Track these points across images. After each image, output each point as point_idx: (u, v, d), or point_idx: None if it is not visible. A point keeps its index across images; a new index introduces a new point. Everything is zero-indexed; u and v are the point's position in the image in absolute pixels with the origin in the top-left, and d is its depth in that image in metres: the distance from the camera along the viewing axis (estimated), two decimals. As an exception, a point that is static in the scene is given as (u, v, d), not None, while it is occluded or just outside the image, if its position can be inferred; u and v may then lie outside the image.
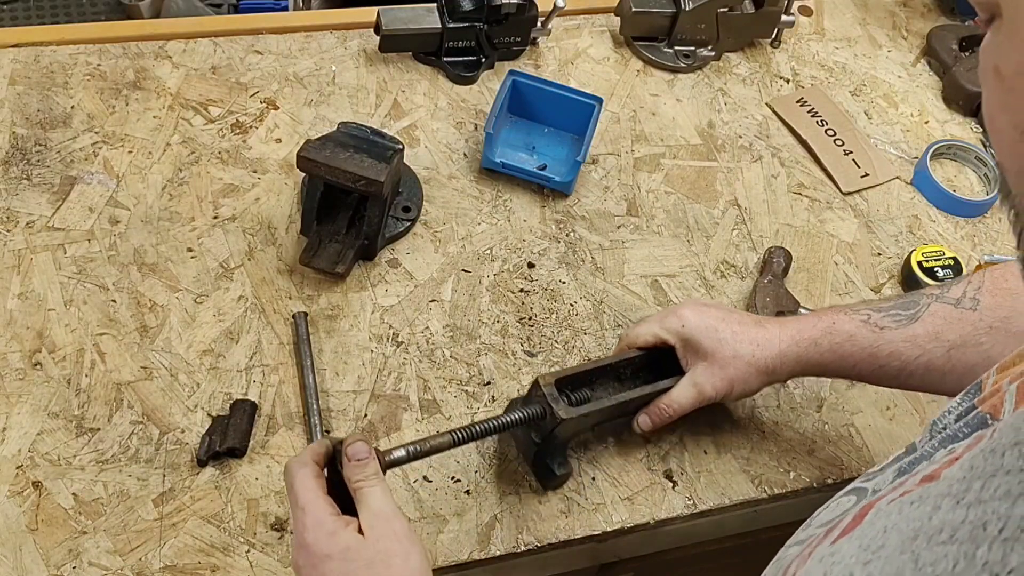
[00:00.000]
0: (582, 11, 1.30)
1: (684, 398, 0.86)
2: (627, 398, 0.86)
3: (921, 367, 0.81)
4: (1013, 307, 0.79)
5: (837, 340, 0.83)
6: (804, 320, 0.86)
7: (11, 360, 0.88)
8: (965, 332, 0.79)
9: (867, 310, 0.84)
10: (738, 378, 0.84)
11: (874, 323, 0.82)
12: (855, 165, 1.20)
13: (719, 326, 0.85)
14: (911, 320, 0.81)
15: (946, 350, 0.80)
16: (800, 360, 0.84)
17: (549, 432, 0.83)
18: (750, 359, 0.84)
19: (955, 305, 0.80)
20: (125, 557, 0.79)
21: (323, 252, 0.96)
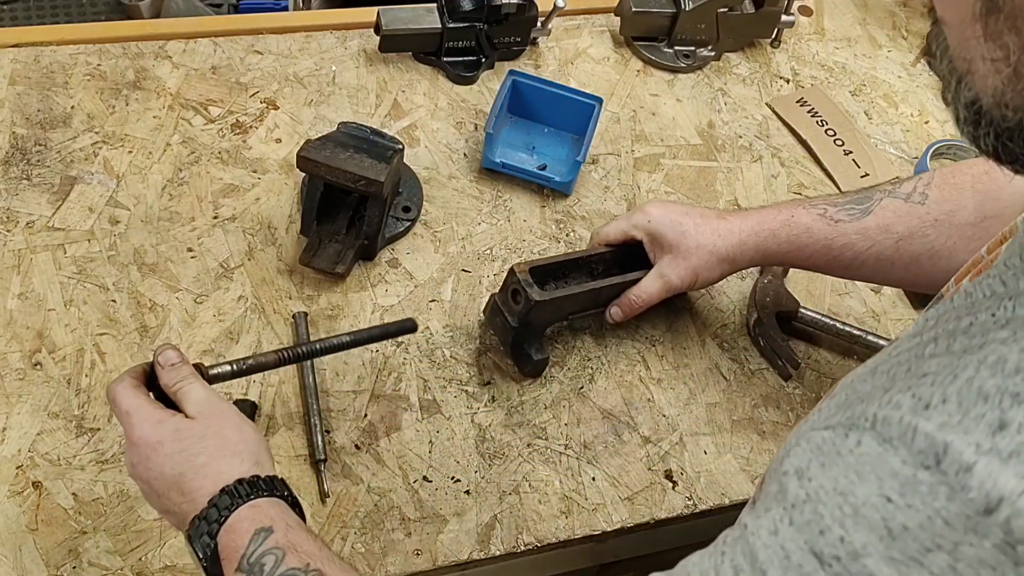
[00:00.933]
0: (582, 11, 1.30)
1: (652, 288, 0.93)
2: (597, 286, 0.93)
3: (872, 257, 0.86)
4: (958, 201, 0.84)
5: (795, 232, 0.88)
6: (764, 212, 0.91)
7: (11, 360, 0.88)
8: (912, 225, 0.84)
9: (824, 204, 0.89)
10: (701, 266, 0.90)
11: (830, 216, 0.87)
12: (855, 165, 1.20)
13: (683, 220, 0.91)
14: (864, 214, 0.86)
15: (895, 241, 0.85)
16: (759, 249, 0.89)
17: (524, 316, 0.88)
18: (712, 248, 0.89)
19: (905, 199, 0.85)
20: (125, 557, 0.79)
21: (323, 252, 0.96)
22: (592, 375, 0.97)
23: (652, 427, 0.94)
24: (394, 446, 0.88)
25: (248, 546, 0.64)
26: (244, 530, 0.64)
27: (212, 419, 0.69)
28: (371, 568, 0.81)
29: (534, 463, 0.90)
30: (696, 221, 0.91)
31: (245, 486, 0.66)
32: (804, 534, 0.41)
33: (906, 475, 0.38)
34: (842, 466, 0.41)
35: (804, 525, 0.41)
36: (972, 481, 0.36)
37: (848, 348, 1.03)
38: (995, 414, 0.37)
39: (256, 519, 0.65)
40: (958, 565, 0.37)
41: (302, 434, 0.88)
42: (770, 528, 0.43)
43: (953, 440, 0.37)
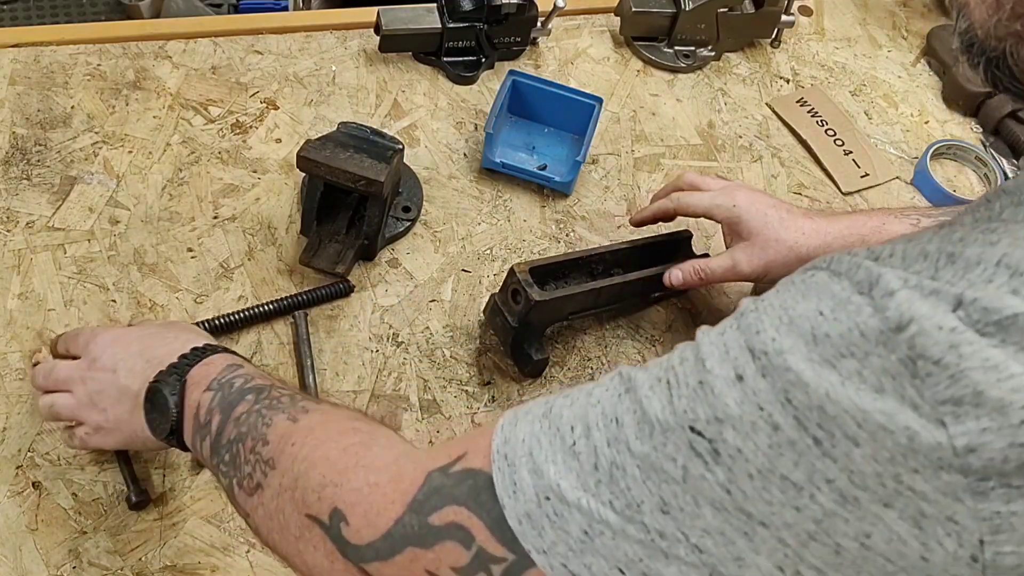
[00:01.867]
0: (582, 11, 1.30)
1: (718, 266, 0.90)
2: (597, 286, 0.93)
3: None
4: None
5: (881, 239, 0.83)
6: (854, 217, 0.88)
7: (11, 360, 0.88)
8: None
9: (916, 215, 0.86)
10: (777, 261, 0.86)
11: (911, 223, 0.85)
12: (855, 165, 1.20)
13: (768, 211, 0.88)
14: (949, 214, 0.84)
15: None
16: None
17: (524, 316, 0.88)
18: (792, 245, 0.86)
19: None
20: (125, 557, 0.79)
21: (323, 252, 0.96)
22: (592, 375, 0.96)
23: (652, 427, 0.94)
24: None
25: (220, 373, 0.68)
26: (217, 365, 0.69)
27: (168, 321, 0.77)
28: (371, 568, 0.81)
29: (534, 463, 0.90)
30: (782, 215, 0.88)
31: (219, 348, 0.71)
32: (744, 335, 0.46)
33: (841, 296, 0.44)
34: (792, 291, 0.46)
35: (746, 327, 0.46)
36: (891, 303, 0.42)
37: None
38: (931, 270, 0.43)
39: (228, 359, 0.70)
40: (864, 371, 0.41)
41: (302, 434, 0.88)
42: (719, 331, 0.48)
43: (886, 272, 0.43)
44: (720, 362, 0.46)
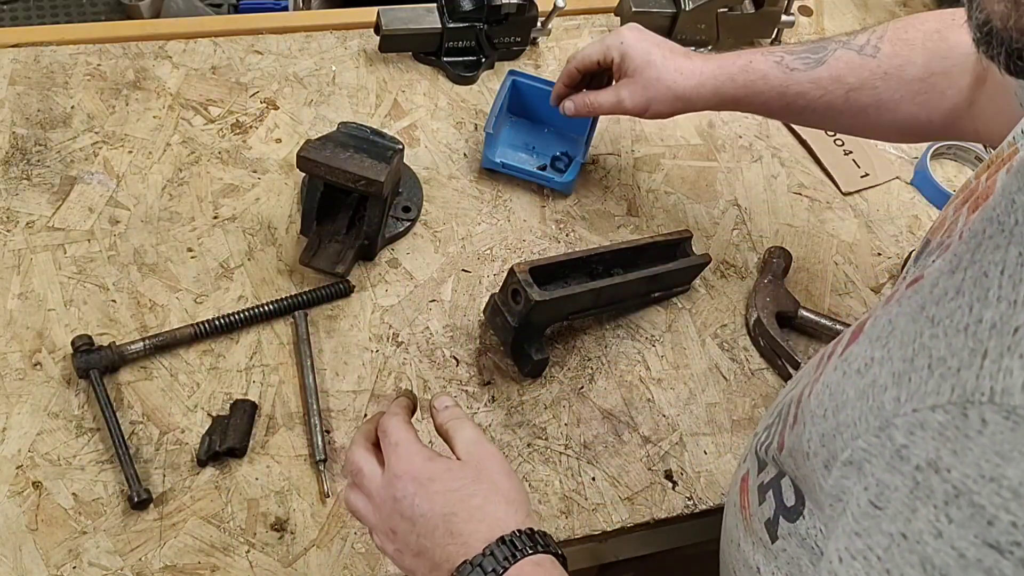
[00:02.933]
0: (582, 11, 1.30)
1: (605, 99, 0.98)
2: (597, 286, 0.93)
3: (822, 106, 0.90)
4: (908, 56, 0.87)
5: (751, 77, 0.92)
6: (725, 56, 0.94)
7: (11, 360, 0.88)
8: (863, 77, 0.88)
9: (781, 52, 0.92)
10: (656, 98, 0.93)
11: (786, 64, 0.91)
12: (855, 165, 1.20)
13: (652, 49, 0.95)
14: (818, 63, 0.90)
15: (845, 92, 0.89)
16: (717, 92, 0.92)
17: (524, 316, 0.89)
18: (671, 84, 0.93)
19: (858, 52, 0.89)
20: (125, 557, 0.79)
21: (323, 252, 0.96)
22: (592, 375, 0.97)
23: (652, 427, 0.94)
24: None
25: None
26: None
27: (484, 461, 0.66)
28: (371, 568, 0.81)
29: (534, 463, 0.90)
30: (664, 54, 0.94)
31: (525, 537, 0.62)
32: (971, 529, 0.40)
33: None
34: (977, 450, 0.40)
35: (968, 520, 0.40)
36: None
37: (848, 348, 1.03)
38: None
39: None
40: None
41: (302, 434, 0.88)
42: (931, 531, 0.42)
43: None
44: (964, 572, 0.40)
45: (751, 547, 0.68)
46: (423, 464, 0.65)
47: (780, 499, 0.64)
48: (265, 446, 0.86)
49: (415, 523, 0.64)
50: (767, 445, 0.69)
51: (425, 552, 0.64)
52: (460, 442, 0.68)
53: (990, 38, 0.45)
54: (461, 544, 0.62)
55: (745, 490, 0.72)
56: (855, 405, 0.51)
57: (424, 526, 0.63)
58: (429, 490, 0.64)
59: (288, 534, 0.82)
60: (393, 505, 0.65)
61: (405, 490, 0.64)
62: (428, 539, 0.63)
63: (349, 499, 0.69)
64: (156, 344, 0.89)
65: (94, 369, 0.86)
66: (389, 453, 0.67)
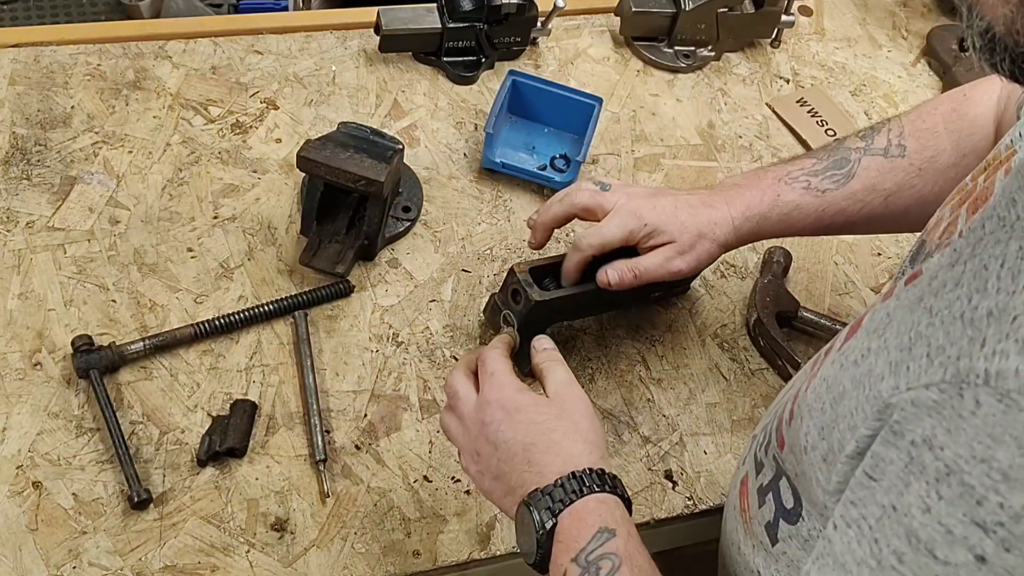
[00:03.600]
0: (582, 11, 1.30)
1: (651, 264, 0.89)
2: (595, 287, 0.91)
3: (863, 218, 0.88)
4: (937, 146, 0.86)
5: (784, 211, 0.89)
6: (748, 194, 0.89)
7: (11, 360, 0.88)
8: (899, 179, 0.86)
9: (805, 176, 0.89)
10: (703, 254, 0.90)
11: (815, 188, 0.88)
12: None
13: (677, 214, 0.89)
14: (847, 178, 0.88)
15: (883, 199, 0.87)
16: (753, 232, 0.90)
17: (524, 316, 0.88)
18: (712, 238, 0.89)
19: (884, 155, 0.87)
20: (125, 557, 0.79)
21: (323, 252, 0.96)
22: (592, 375, 0.97)
23: (652, 427, 0.94)
24: (394, 446, 0.88)
25: (590, 542, 0.63)
26: (589, 523, 0.64)
27: (569, 402, 0.71)
28: (371, 568, 0.81)
29: (534, 463, 0.90)
30: (687, 211, 0.89)
31: (595, 476, 0.66)
32: (960, 507, 0.41)
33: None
34: (971, 431, 0.41)
35: (957, 498, 0.41)
36: None
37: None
38: None
39: (602, 515, 0.65)
40: None
41: (302, 434, 0.88)
42: (920, 506, 0.43)
43: None
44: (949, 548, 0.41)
45: (751, 550, 0.69)
46: (513, 395, 0.70)
47: (779, 501, 0.64)
48: (265, 446, 0.86)
49: (498, 448, 0.69)
50: (765, 445, 0.69)
51: (503, 476, 0.69)
52: (551, 382, 0.73)
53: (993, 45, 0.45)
54: (536, 473, 0.67)
55: (744, 493, 0.72)
56: (852, 395, 0.52)
57: (506, 452, 0.68)
58: (515, 419, 0.69)
59: (288, 534, 0.82)
60: (480, 429, 0.70)
61: (493, 416, 0.69)
62: (507, 464, 0.68)
63: (443, 419, 0.75)
64: (156, 344, 0.89)
65: (94, 369, 0.86)
66: (484, 381, 0.72)
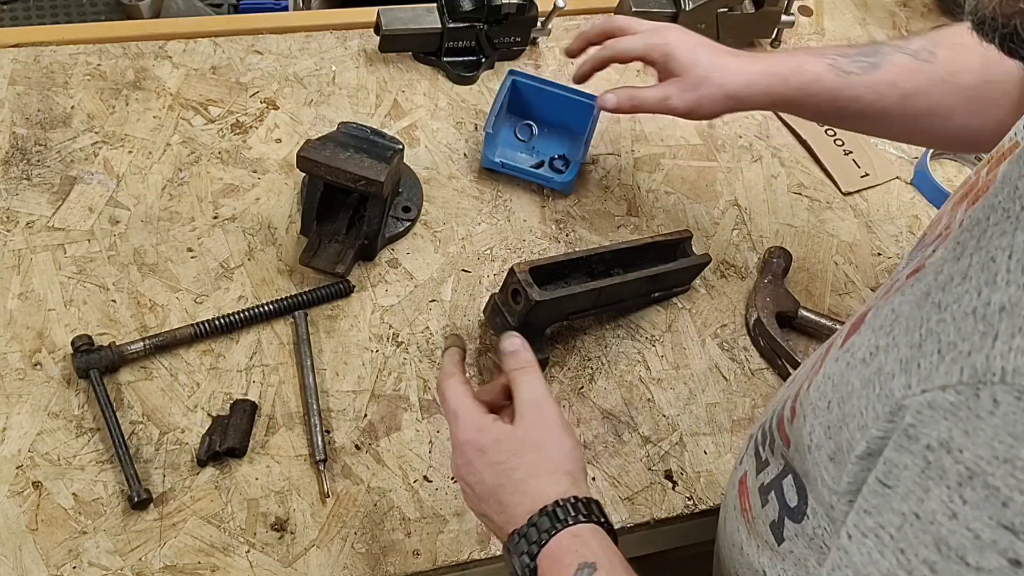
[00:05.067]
0: (582, 11, 1.30)
1: (651, 96, 0.92)
2: (598, 286, 0.93)
3: (876, 112, 0.87)
4: (964, 62, 0.85)
5: (805, 79, 0.88)
6: (776, 56, 0.91)
7: (11, 360, 0.88)
8: (920, 83, 0.86)
9: (834, 54, 0.89)
10: (705, 97, 0.89)
11: (840, 67, 0.88)
12: (855, 165, 1.20)
13: (698, 49, 0.91)
14: (873, 68, 0.87)
15: (900, 98, 0.86)
16: (768, 92, 0.89)
17: (524, 316, 0.88)
18: (720, 82, 0.89)
19: (913, 56, 0.86)
20: (125, 557, 0.79)
21: (323, 252, 0.96)
22: (592, 375, 0.97)
23: (652, 427, 0.94)
24: (394, 446, 0.89)
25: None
26: (567, 562, 0.63)
27: (533, 428, 0.70)
28: (371, 568, 0.81)
29: (534, 463, 0.90)
30: (710, 53, 0.91)
31: (565, 508, 0.65)
32: (986, 511, 0.40)
33: None
34: (989, 431, 0.41)
35: (982, 501, 0.40)
36: None
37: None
38: None
39: (579, 551, 0.63)
40: None
41: (302, 434, 0.88)
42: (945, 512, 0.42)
43: None
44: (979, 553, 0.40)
45: (756, 550, 0.68)
46: (475, 435, 0.70)
47: (783, 500, 0.64)
48: (265, 446, 0.86)
49: (475, 488, 0.70)
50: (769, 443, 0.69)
51: (485, 515, 0.70)
52: (519, 402, 0.72)
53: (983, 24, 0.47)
54: (508, 516, 0.67)
55: (744, 492, 0.72)
56: (861, 394, 0.51)
57: (482, 492, 0.69)
58: (482, 462, 0.69)
59: (288, 534, 0.82)
60: (460, 468, 0.71)
61: (465, 457, 0.70)
62: (485, 505, 0.69)
63: None
64: (156, 344, 0.89)
65: (94, 369, 0.86)
66: (450, 422, 0.72)
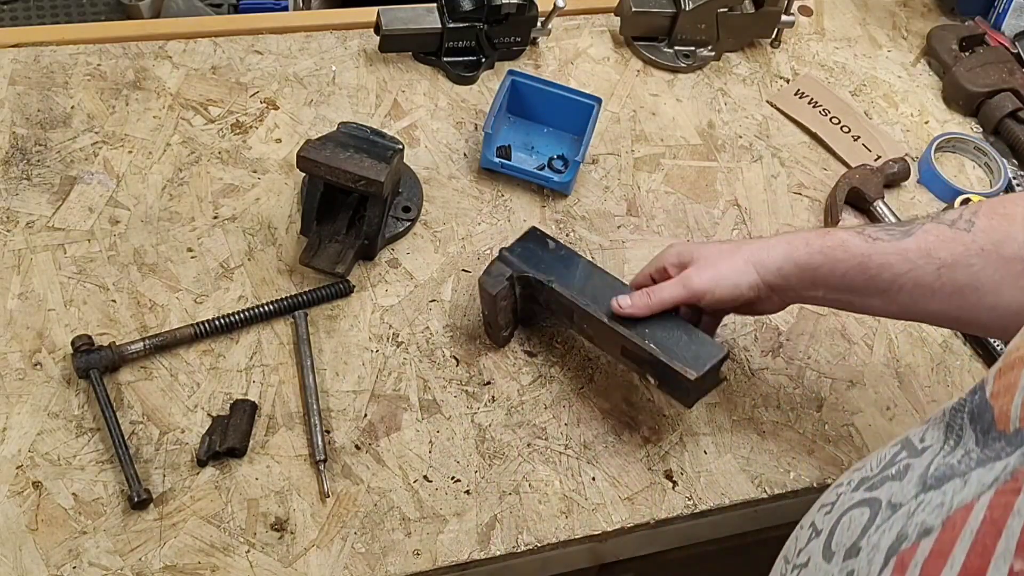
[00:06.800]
0: (582, 11, 1.30)
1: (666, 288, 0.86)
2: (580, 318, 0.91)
3: (910, 282, 0.80)
4: (1007, 231, 0.78)
5: (829, 244, 0.82)
6: (802, 232, 0.86)
7: (11, 360, 0.88)
8: (957, 252, 0.78)
9: (862, 225, 0.86)
10: (724, 266, 0.84)
11: (868, 234, 0.82)
12: (866, 149, 1.21)
13: (720, 245, 0.87)
14: (904, 235, 0.81)
15: (936, 268, 0.79)
16: (790, 257, 0.83)
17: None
18: (735, 251, 0.85)
19: (949, 225, 0.80)
20: (125, 557, 0.79)
21: (323, 252, 0.96)
22: (592, 375, 0.97)
23: (652, 427, 0.94)
24: (394, 446, 0.89)
25: None
26: None
27: None
28: (371, 568, 0.81)
29: (534, 463, 0.90)
30: (732, 243, 0.88)
31: None
32: None
33: None
34: None
35: None
36: None
37: (848, 349, 1.03)
38: None
39: None
40: None
41: (302, 434, 0.88)
42: None
43: None
44: None
45: None
46: None
47: None
48: (265, 446, 0.86)
49: None
50: None
51: None
52: None
53: None
54: None
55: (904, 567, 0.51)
56: None
57: None
58: None
59: (288, 534, 0.82)
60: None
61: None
62: None
63: None
64: (156, 344, 0.89)
65: (94, 369, 0.86)
66: None
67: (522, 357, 0.96)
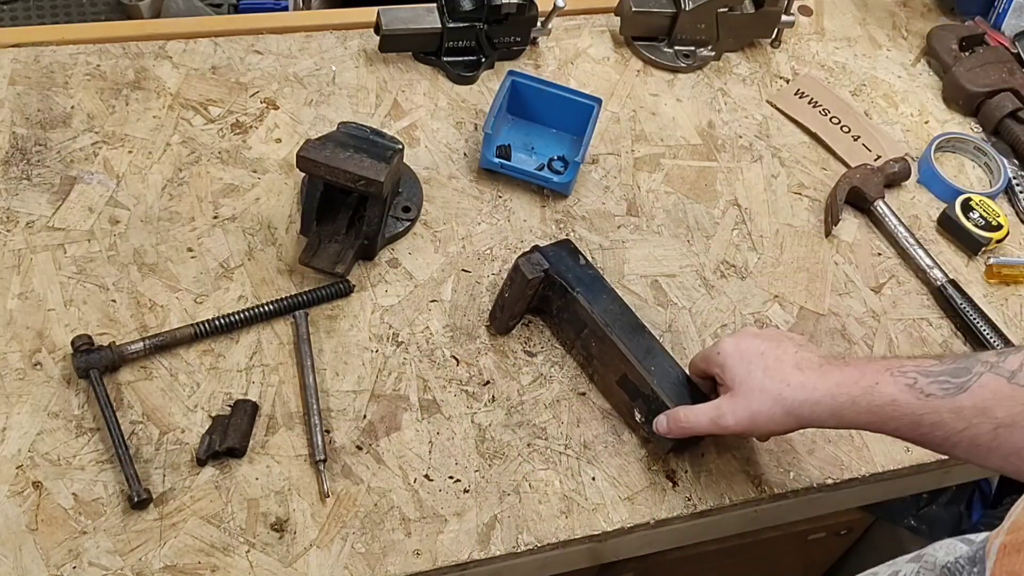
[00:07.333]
0: (582, 11, 1.30)
1: (701, 415, 0.85)
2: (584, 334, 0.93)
3: (965, 440, 0.75)
4: None
5: (877, 403, 0.78)
6: (846, 372, 0.81)
7: (11, 360, 0.88)
8: (1015, 411, 0.73)
9: (915, 372, 0.78)
10: (761, 412, 0.82)
11: (920, 388, 0.77)
12: (866, 149, 1.21)
13: (753, 359, 0.84)
14: (959, 390, 0.76)
15: (993, 427, 0.74)
16: (835, 415, 0.80)
17: None
18: (777, 396, 0.81)
19: (1009, 379, 0.74)
20: (125, 557, 0.79)
21: (323, 252, 0.96)
22: (592, 375, 0.96)
23: (652, 427, 0.94)
24: (394, 446, 0.89)
25: None
26: None
27: None
28: (371, 568, 0.81)
29: (534, 463, 0.90)
30: (768, 364, 0.83)
31: None
32: None
33: None
34: None
35: None
36: None
37: (848, 349, 1.03)
38: None
39: None
40: None
41: (302, 434, 0.88)
42: None
43: None
44: None
45: None
46: None
47: None
48: (265, 446, 0.86)
49: None
50: None
51: None
52: None
53: None
54: None
55: None
56: None
57: None
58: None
59: (288, 534, 0.82)
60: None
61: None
62: None
63: None
64: (156, 344, 0.89)
65: (94, 369, 0.86)
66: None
67: (522, 357, 0.96)
